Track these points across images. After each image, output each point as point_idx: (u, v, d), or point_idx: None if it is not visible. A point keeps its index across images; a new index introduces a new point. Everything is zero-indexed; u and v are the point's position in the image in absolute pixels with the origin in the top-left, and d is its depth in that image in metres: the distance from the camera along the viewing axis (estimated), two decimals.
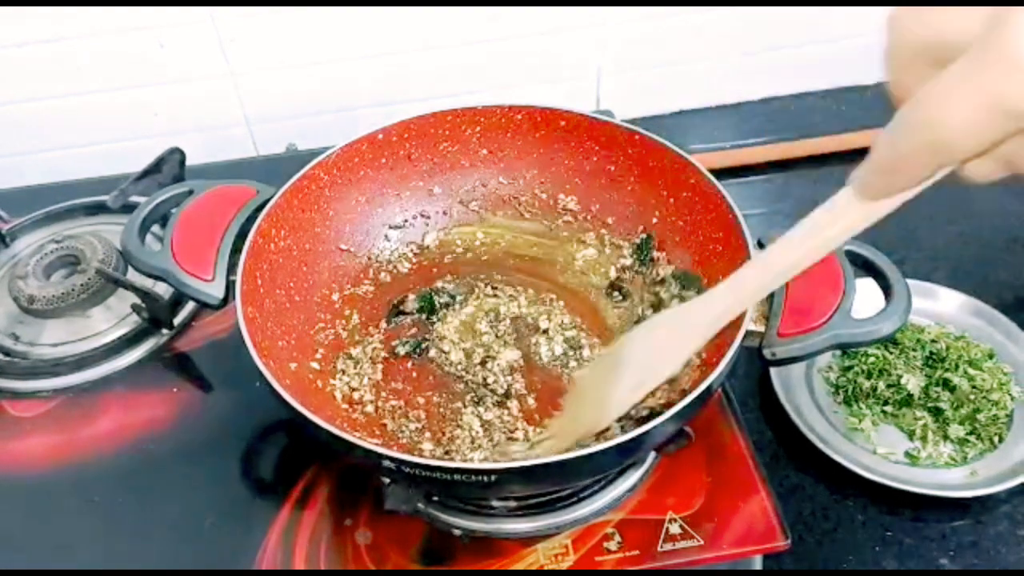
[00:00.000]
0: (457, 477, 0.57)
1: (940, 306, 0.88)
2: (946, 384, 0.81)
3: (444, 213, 0.88)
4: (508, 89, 1.13)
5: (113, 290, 0.89)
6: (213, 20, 1.01)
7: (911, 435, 0.79)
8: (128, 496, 0.75)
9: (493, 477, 0.57)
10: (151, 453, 0.77)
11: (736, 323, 0.63)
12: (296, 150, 1.12)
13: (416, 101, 1.09)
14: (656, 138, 0.79)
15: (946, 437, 0.78)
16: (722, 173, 0.78)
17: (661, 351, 0.62)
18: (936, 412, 0.80)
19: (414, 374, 0.77)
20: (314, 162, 0.79)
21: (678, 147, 0.78)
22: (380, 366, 0.77)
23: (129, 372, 0.85)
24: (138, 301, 0.86)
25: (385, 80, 1.10)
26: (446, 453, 0.70)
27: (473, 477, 0.57)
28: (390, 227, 0.86)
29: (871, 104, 1.19)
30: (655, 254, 0.81)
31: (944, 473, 0.77)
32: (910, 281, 0.68)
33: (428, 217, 0.87)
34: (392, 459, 0.57)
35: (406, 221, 0.87)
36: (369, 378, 0.76)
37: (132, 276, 0.85)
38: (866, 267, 0.69)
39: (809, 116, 1.18)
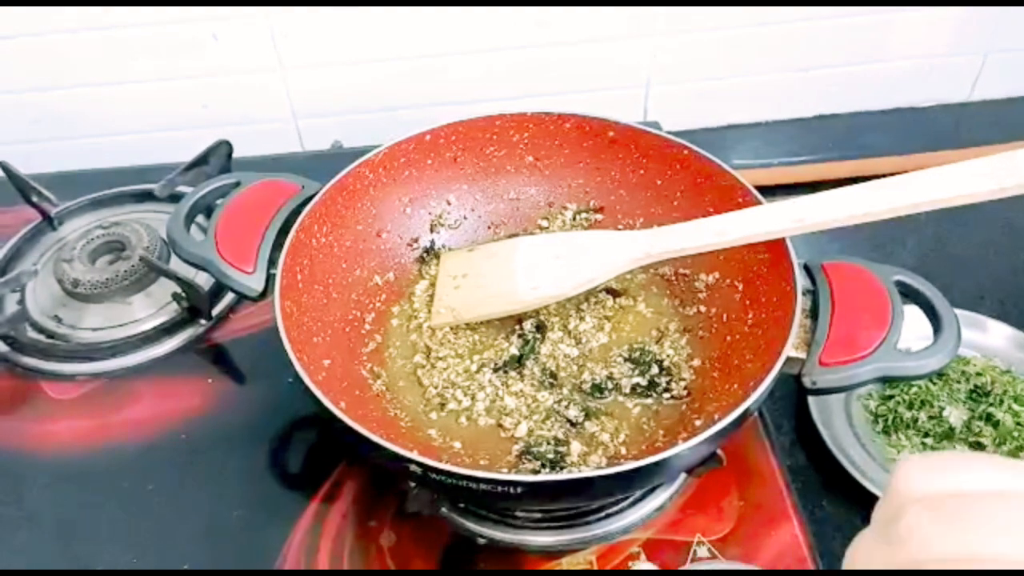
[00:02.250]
0: (483, 487, 0.57)
1: (987, 338, 0.86)
2: (989, 419, 0.79)
3: (486, 217, 0.87)
4: (553, 95, 1.12)
5: (155, 278, 0.90)
6: (267, 16, 1.01)
7: None
8: (157, 484, 0.75)
9: (519, 489, 0.57)
10: (182, 443, 0.78)
11: (776, 348, 0.62)
12: (341, 147, 1.12)
13: (461, 104, 1.09)
14: (705, 154, 0.78)
15: None
16: (771, 190, 0.77)
17: (558, 269, 0.75)
18: (978, 447, 0.78)
19: (453, 376, 0.76)
20: (360, 160, 0.79)
21: (726, 163, 0.77)
22: (415, 365, 0.77)
23: (165, 360, 0.85)
24: (179, 290, 0.86)
25: (431, 81, 1.10)
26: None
27: (499, 488, 0.57)
28: (431, 228, 0.86)
29: (927, 126, 1.17)
30: (702, 276, 0.81)
31: None
32: (957, 311, 0.67)
33: (469, 220, 0.87)
34: (418, 464, 0.57)
35: (448, 223, 0.86)
36: (405, 379, 0.76)
37: (174, 265, 0.85)
38: (916, 299, 0.67)
39: (863, 136, 1.15)
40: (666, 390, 0.74)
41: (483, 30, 1.06)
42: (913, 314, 0.66)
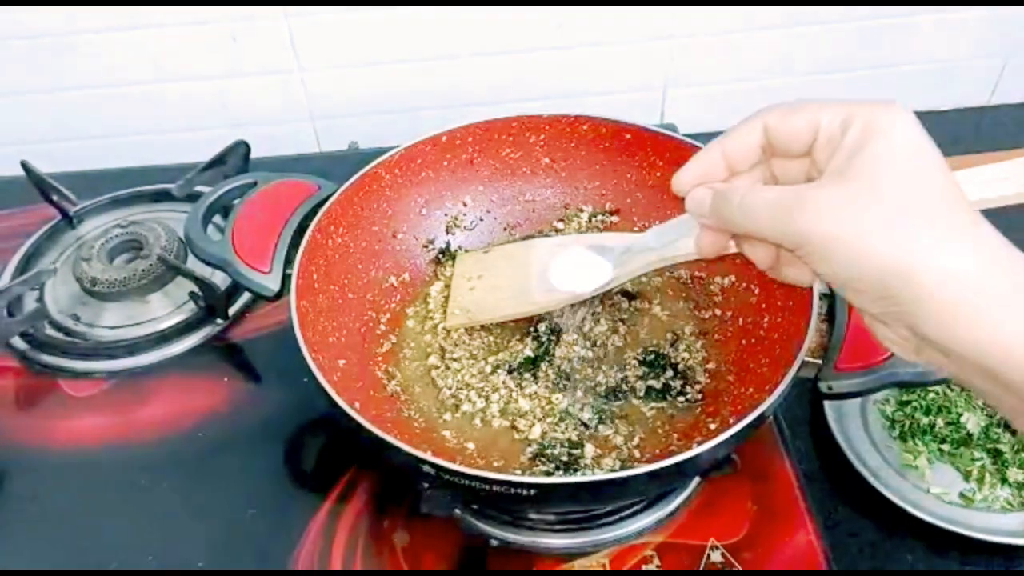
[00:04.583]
0: (497, 488, 0.57)
1: None
2: (1007, 425, 0.78)
3: (501, 219, 0.88)
4: (571, 98, 1.12)
5: (172, 277, 0.91)
6: (285, 17, 1.02)
7: (967, 476, 0.77)
8: (172, 482, 0.75)
9: (532, 491, 0.57)
10: (198, 441, 0.78)
11: (792, 352, 0.62)
12: (358, 148, 1.13)
13: (478, 105, 1.09)
14: None
15: (1004, 480, 0.76)
16: None
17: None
18: (995, 454, 0.77)
19: (467, 377, 0.76)
20: (377, 161, 0.79)
21: None
22: (429, 367, 0.77)
23: (182, 359, 0.86)
24: (196, 289, 0.87)
25: (448, 83, 1.10)
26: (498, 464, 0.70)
27: (512, 489, 0.57)
28: (447, 230, 0.86)
29: (947, 130, 1.16)
30: (717, 279, 0.80)
31: (999, 517, 0.74)
32: None
33: (485, 221, 0.87)
34: (432, 465, 0.57)
35: (463, 225, 0.86)
36: (420, 380, 0.76)
37: (191, 264, 0.86)
38: None
39: None
40: (681, 393, 0.73)
41: (500, 32, 1.06)
42: None
